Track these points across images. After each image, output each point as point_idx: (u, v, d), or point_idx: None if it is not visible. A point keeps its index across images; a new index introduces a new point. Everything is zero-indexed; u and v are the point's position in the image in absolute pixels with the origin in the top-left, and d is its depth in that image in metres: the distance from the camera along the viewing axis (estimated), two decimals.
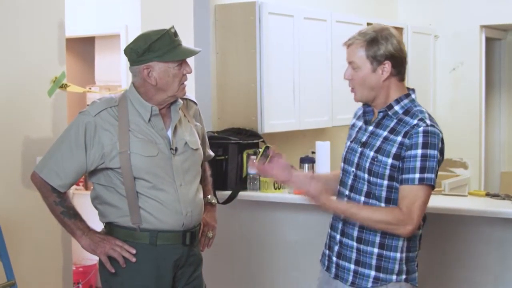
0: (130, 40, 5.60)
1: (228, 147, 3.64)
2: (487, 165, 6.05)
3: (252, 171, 3.65)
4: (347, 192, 2.38)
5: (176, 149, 2.52)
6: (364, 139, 2.37)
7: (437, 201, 3.36)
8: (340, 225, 2.39)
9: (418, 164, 2.22)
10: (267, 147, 3.76)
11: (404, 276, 2.35)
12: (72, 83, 5.35)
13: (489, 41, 5.95)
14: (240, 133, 3.81)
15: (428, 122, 2.26)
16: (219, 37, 3.95)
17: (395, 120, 2.31)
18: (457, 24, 5.71)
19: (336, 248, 2.40)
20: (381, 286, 2.33)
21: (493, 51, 6.19)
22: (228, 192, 3.63)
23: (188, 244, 2.55)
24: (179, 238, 2.52)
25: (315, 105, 4.32)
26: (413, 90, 2.39)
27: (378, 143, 2.31)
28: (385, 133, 2.31)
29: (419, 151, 2.22)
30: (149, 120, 2.51)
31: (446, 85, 5.79)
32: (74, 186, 5.85)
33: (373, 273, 2.33)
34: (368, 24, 4.87)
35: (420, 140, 2.23)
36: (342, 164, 2.43)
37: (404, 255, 2.34)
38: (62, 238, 4.24)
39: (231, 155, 3.64)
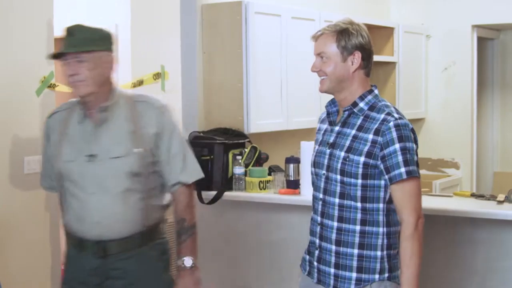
0: (120, 39, 5.63)
1: (214, 147, 3.63)
2: (480, 165, 6.04)
3: (238, 171, 3.64)
4: (321, 196, 2.37)
5: (93, 156, 2.40)
6: (331, 140, 2.36)
7: (422, 202, 3.35)
8: (318, 229, 2.38)
9: (400, 158, 2.23)
10: (253, 147, 3.75)
11: (386, 274, 2.32)
12: (62, 82, 5.35)
13: (481, 40, 5.93)
14: (226, 133, 3.80)
15: (396, 115, 2.27)
16: (206, 37, 3.94)
17: (361, 117, 2.31)
18: (449, 23, 5.70)
19: (316, 252, 2.39)
20: (364, 287, 2.31)
21: (486, 51, 6.18)
22: (214, 193, 3.62)
23: (102, 255, 2.42)
24: (91, 248, 2.42)
25: (303, 105, 4.30)
26: (375, 86, 2.40)
27: (347, 143, 2.31)
28: (353, 132, 2.31)
29: (397, 146, 2.24)
30: (81, 122, 2.48)
31: (438, 85, 5.77)
32: None
33: (354, 275, 2.31)
34: None
35: (394, 135, 2.24)
36: (312, 169, 2.42)
37: (385, 253, 2.32)
38: (51, 238, 4.23)
39: (217, 155, 3.63)
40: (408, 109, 5.54)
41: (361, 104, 2.33)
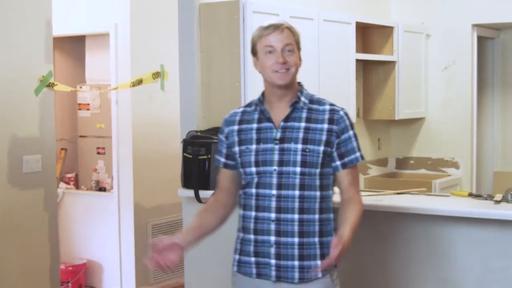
0: (120, 38, 5.66)
1: (211, 146, 3.62)
2: (480, 165, 6.02)
3: None
4: (274, 192, 2.38)
5: None
6: (278, 135, 2.40)
7: (418, 202, 3.35)
8: (272, 226, 2.38)
9: (354, 144, 2.45)
10: None
11: None
12: (63, 82, 5.36)
13: (482, 40, 5.91)
14: None
15: (338, 105, 2.48)
16: (204, 36, 3.94)
17: (305, 111, 2.43)
18: (449, 23, 5.68)
19: (273, 250, 2.39)
20: (326, 271, 2.40)
21: (486, 50, 6.16)
22: (211, 192, 3.60)
23: None
24: None
25: None
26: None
27: (301, 135, 2.39)
28: (303, 124, 2.41)
29: (351, 132, 2.45)
30: None
31: (438, 84, 5.76)
32: (65, 186, 5.87)
33: (319, 262, 2.38)
34: (357, 23, 4.85)
35: (347, 122, 2.45)
36: (253, 169, 2.41)
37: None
38: (49, 237, 4.24)
39: (214, 155, 3.62)
40: (408, 108, 5.54)
41: (303, 99, 2.45)
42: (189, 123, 3.94)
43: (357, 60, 4.95)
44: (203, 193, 3.63)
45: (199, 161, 3.63)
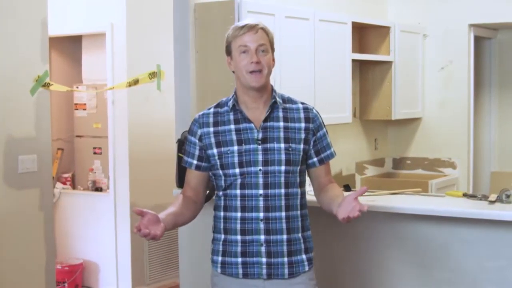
0: (116, 38, 5.67)
1: None
2: (477, 165, 6.01)
3: None
4: (261, 191, 2.41)
5: None
6: (260, 136, 2.42)
7: (413, 202, 3.35)
8: (261, 225, 2.41)
9: (328, 140, 2.56)
10: None
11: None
12: (59, 82, 5.36)
13: (479, 40, 5.91)
14: None
15: (309, 104, 2.56)
16: (199, 36, 3.93)
17: (281, 110, 2.47)
18: (446, 22, 5.68)
19: (263, 249, 2.42)
20: (311, 264, 2.52)
21: (483, 50, 6.16)
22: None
23: None
24: None
25: None
26: None
27: (281, 134, 2.43)
28: (281, 123, 2.45)
29: (324, 129, 2.55)
30: None
31: (435, 84, 5.75)
32: (61, 186, 5.87)
33: (304, 256, 2.48)
34: (354, 23, 4.85)
35: (320, 120, 2.55)
36: (236, 170, 2.41)
37: (311, 231, 2.57)
38: (45, 237, 4.23)
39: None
40: (404, 108, 5.53)
41: (278, 98, 2.49)
42: (184, 123, 3.92)
43: (354, 60, 4.95)
44: None
45: None
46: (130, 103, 5.35)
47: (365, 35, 5.36)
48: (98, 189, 5.77)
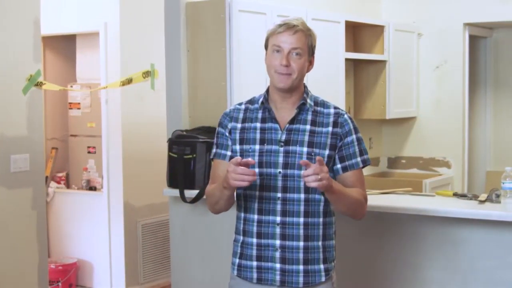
0: (110, 37, 5.66)
1: (196, 146, 3.61)
2: (472, 164, 6.00)
3: None
4: (279, 195, 2.33)
5: None
6: (284, 137, 2.35)
7: (403, 201, 3.35)
8: (277, 230, 2.33)
9: (356, 148, 2.39)
10: None
11: (335, 261, 2.45)
12: (53, 81, 5.36)
13: (474, 39, 5.90)
14: (210, 132, 3.77)
15: (342, 108, 2.43)
16: (190, 35, 3.92)
17: (310, 113, 2.38)
18: (441, 21, 5.66)
19: (278, 254, 2.34)
20: (329, 275, 2.40)
21: (478, 49, 6.14)
22: (196, 191, 3.60)
23: None
24: None
25: None
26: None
27: (306, 138, 2.34)
28: (308, 127, 2.35)
29: (354, 136, 2.39)
30: None
31: (429, 84, 5.74)
32: (55, 185, 5.86)
33: (322, 266, 2.37)
34: (347, 22, 4.83)
35: (351, 126, 2.39)
36: (256, 170, 2.31)
37: (335, 241, 2.44)
38: (37, 236, 4.23)
39: (199, 154, 3.62)
40: (399, 107, 5.52)
41: (309, 101, 2.39)
42: (176, 122, 3.93)
43: (348, 59, 4.93)
44: (189, 193, 3.62)
45: (185, 160, 3.62)
46: (124, 103, 5.35)
47: (359, 34, 5.35)
48: (92, 188, 5.76)
